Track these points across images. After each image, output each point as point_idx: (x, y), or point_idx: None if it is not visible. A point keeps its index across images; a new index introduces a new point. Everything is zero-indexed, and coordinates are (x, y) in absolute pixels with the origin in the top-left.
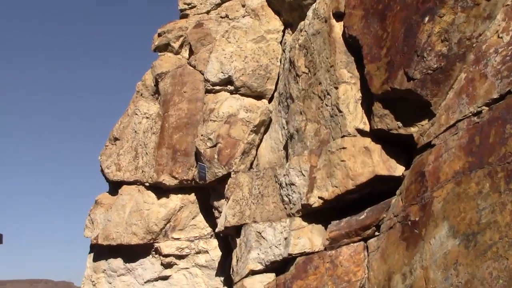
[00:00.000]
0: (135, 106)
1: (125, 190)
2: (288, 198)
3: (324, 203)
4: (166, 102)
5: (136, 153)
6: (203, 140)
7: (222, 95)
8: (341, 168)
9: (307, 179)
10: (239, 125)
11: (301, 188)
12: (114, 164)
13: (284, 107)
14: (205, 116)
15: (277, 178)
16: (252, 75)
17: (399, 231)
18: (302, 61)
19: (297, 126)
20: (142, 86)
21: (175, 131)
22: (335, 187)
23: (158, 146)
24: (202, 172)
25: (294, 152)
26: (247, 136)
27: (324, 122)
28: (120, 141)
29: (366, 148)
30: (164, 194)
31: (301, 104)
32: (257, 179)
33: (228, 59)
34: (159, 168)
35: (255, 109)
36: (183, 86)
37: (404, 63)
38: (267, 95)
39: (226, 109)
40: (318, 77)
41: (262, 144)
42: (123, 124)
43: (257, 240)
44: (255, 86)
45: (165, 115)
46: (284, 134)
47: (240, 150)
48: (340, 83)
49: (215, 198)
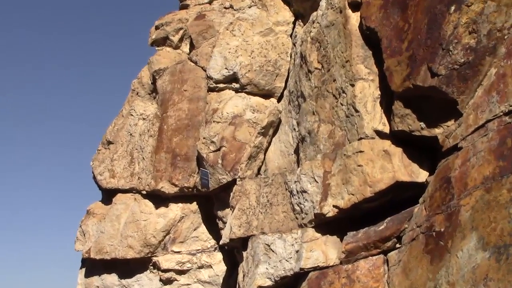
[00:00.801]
0: (130, 106)
1: (119, 198)
2: (299, 207)
3: (339, 212)
4: (164, 101)
5: (132, 158)
6: (205, 144)
7: (226, 94)
8: (358, 173)
9: (321, 186)
10: (245, 126)
11: (314, 196)
12: (108, 170)
13: (295, 106)
14: (208, 117)
15: (287, 185)
16: (259, 71)
17: (422, 243)
18: (314, 56)
19: (309, 128)
20: (138, 84)
21: (174, 134)
22: (351, 195)
23: (156, 150)
24: (205, 179)
25: (306, 156)
26: (254, 139)
27: (339, 123)
28: (114, 144)
29: (385, 151)
30: (163, 203)
31: (313, 103)
32: (265, 186)
33: (232, 54)
34: (157, 174)
35: (262, 109)
36: (183, 84)
37: (428, 57)
38: (276, 94)
39: (230, 109)
40: (332, 74)
41: (271, 148)
42: (117, 126)
43: (265, 253)
44: (263, 84)
45: (163, 116)
46: (295, 136)
47: (246, 154)
48: (357, 80)
49: (219, 207)
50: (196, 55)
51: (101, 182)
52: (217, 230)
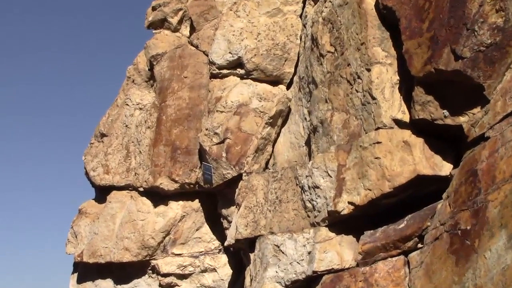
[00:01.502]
0: (126, 95)
1: (114, 196)
2: (311, 204)
3: (355, 209)
4: (163, 89)
5: (128, 152)
6: (208, 135)
7: (231, 81)
8: (376, 167)
9: (335, 180)
10: (251, 116)
11: (327, 192)
12: (101, 165)
13: (306, 94)
14: (211, 106)
15: (298, 180)
16: (266, 55)
17: (446, 242)
18: (326, 38)
19: (322, 117)
20: (133, 70)
21: (174, 125)
22: (368, 190)
23: (154, 143)
24: (208, 174)
25: (318, 149)
26: (262, 130)
27: (354, 111)
28: (108, 137)
29: (405, 142)
30: (162, 201)
31: (326, 90)
32: (274, 181)
33: (237, 37)
34: (155, 169)
35: (270, 96)
36: (183, 70)
37: (451, 38)
38: (285, 80)
39: (235, 97)
40: (346, 57)
41: (280, 139)
42: (112, 117)
43: (275, 255)
44: (270, 69)
45: (162, 106)
46: (306, 126)
47: (253, 147)
48: (373, 64)
49: (224, 205)
50: (197, 39)
51: (94, 178)
52: (222, 230)
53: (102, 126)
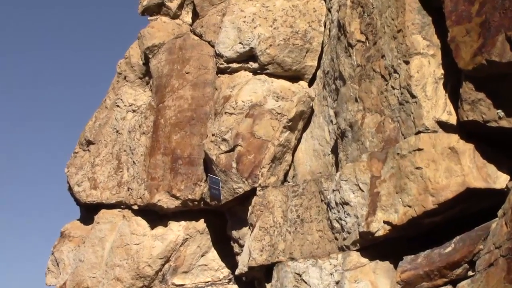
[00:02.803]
0: (116, 95)
1: (104, 216)
2: (339, 223)
3: (392, 230)
4: (160, 88)
5: (119, 163)
6: (215, 142)
7: (242, 77)
8: (416, 178)
9: (367, 195)
10: (266, 119)
11: (359, 209)
12: (88, 179)
13: (332, 91)
14: (218, 107)
15: (323, 195)
16: (284, 46)
17: (503, 269)
18: (356, 25)
19: (351, 119)
20: (125, 65)
21: (174, 130)
22: (407, 207)
23: (150, 152)
24: (215, 189)
25: (347, 157)
26: (279, 135)
27: (390, 112)
28: (96, 145)
29: (452, 149)
30: (161, 221)
31: (356, 87)
32: (294, 197)
33: (249, 24)
34: (152, 183)
35: (289, 95)
36: (184, 65)
37: (506, 24)
38: (307, 75)
39: (247, 97)
40: (380, 48)
41: (301, 147)
42: (99, 121)
43: (296, 285)
44: (289, 63)
45: (159, 107)
46: (332, 130)
47: (268, 156)
48: (413, 55)
49: (234, 225)
50: (201, 26)
51: (79, 194)
52: (232, 256)
53: (88, 132)
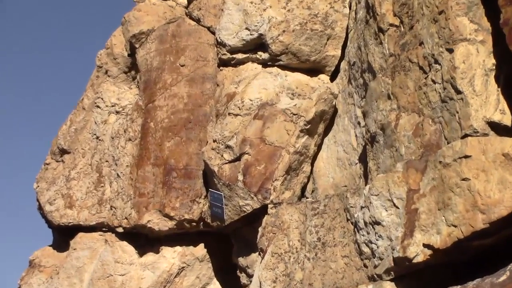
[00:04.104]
0: (96, 93)
1: (81, 241)
2: (369, 248)
3: (433, 255)
4: (150, 84)
5: (100, 176)
6: (217, 150)
7: (249, 70)
8: (463, 192)
9: (403, 213)
10: (280, 121)
11: (393, 230)
12: (62, 196)
13: (359, 87)
14: (220, 107)
15: (349, 214)
16: (300, 32)
17: None
18: (388, 6)
19: (383, 121)
20: (106, 57)
21: (167, 136)
22: (452, 227)
23: (138, 163)
24: (218, 206)
25: (378, 167)
26: (295, 141)
27: (430, 111)
28: (71, 155)
29: (506, 155)
30: (151, 247)
31: (388, 82)
32: (314, 215)
33: (257, 6)
34: (140, 201)
35: (307, 92)
36: (179, 56)
37: None
38: (328, 67)
39: (256, 94)
40: (417, 33)
41: (322, 154)
42: (76, 125)
43: None
44: (307, 52)
45: (149, 108)
46: (359, 134)
47: (283, 166)
48: (458, 42)
49: (241, 251)
50: (199, 9)
51: (52, 215)
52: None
53: (62, 138)
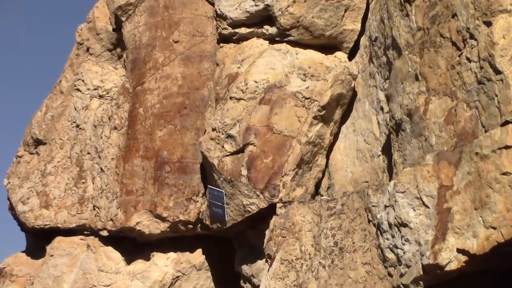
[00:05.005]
0: (76, 74)
1: (60, 246)
2: (394, 253)
3: (469, 262)
4: (138, 63)
5: (81, 171)
6: (217, 140)
7: (254, 46)
8: (503, 188)
9: (434, 213)
10: (290, 106)
11: (422, 233)
12: (37, 193)
13: (382, 66)
14: (220, 90)
15: (371, 214)
16: (313, 3)
17: None
18: None
19: (410, 105)
20: (88, 32)
21: (159, 123)
22: (491, 229)
23: (125, 155)
24: (218, 206)
25: (405, 159)
26: (308, 129)
27: (464, 94)
28: (48, 146)
29: None
30: (141, 253)
31: (416, 60)
32: (330, 216)
33: None
34: (128, 199)
35: (321, 72)
36: (172, 30)
37: None
38: (346, 44)
39: (262, 75)
40: (449, 3)
41: (339, 145)
42: (52, 111)
43: None
44: (321, 26)
45: (137, 91)
46: (383, 122)
47: (293, 158)
48: (497, 14)
49: (245, 257)
50: None
51: (25, 216)
52: None
53: (37, 127)
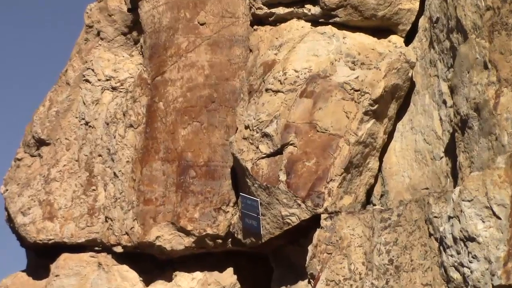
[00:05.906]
0: (85, 63)
1: (67, 264)
2: (460, 273)
3: None
4: (158, 49)
5: (91, 176)
6: (250, 140)
7: (294, 29)
8: None
9: (506, 225)
10: (336, 99)
11: (492, 249)
12: (39, 203)
13: (445, 52)
14: (254, 81)
15: (432, 226)
16: None
17: None
18: None
19: (478, 99)
20: (99, 13)
21: (182, 120)
22: None
23: (142, 158)
24: (252, 217)
25: (472, 162)
26: (357, 127)
27: None
28: (52, 147)
29: None
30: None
31: (485, 45)
32: (384, 229)
33: None
34: (146, 209)
35: (373, 59)
36: (198, 11)
37: None
38: (402, 26)
39: (304, 63)
40: None
41: (394, 145)
42: (57, 106)
43: None
44: (372, 5)
45: (157, 82)
46: (446, 118)
47: (341, 161)
48: None
49: (284, 277)
50: None
51: (26, 229)
52: None
53: (39, 125)
